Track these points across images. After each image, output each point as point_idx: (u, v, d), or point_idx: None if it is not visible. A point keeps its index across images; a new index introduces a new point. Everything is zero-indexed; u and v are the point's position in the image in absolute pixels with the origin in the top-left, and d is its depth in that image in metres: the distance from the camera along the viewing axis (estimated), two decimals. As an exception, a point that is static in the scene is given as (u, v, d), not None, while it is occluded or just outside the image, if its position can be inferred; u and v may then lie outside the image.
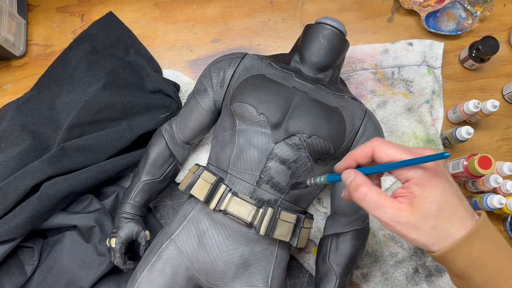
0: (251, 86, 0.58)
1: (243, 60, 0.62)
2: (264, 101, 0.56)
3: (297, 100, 0.57)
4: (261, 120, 0.56)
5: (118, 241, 0.60)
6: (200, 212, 0.58)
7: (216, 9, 0.81)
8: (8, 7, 0.71)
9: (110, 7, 0.80)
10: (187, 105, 0.66)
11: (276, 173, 0.55)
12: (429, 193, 0.38)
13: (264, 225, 0.54)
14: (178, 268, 0.57)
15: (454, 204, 0.38)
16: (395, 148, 0.39)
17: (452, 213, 0.38)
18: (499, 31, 0.83)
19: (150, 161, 0.64)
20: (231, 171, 0.57)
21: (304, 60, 0.61)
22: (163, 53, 0.79)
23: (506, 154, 0.78)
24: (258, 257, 0.57)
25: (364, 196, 0.39)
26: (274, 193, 0.56)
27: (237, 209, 0.55)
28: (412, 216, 0.38)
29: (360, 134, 0.60)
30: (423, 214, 0.37)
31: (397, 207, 0.38)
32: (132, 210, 0.62)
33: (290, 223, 0.55)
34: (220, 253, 0.56)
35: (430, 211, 0.37)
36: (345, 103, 0.60)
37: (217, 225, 0.57)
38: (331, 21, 0.61)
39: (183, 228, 0.58)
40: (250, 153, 0.56)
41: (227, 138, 0.59)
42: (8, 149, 0.65)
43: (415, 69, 0.77)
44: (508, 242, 0.79)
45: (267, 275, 0.57)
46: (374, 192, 0.39)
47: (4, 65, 0.77)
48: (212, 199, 0.56)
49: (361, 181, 0.39)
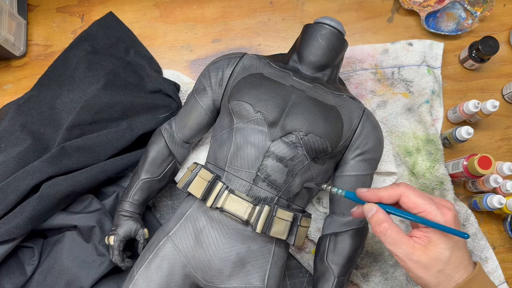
0: (248, 84, 0.58)
1: (242, 60, 0.63)
2: (261, 99, 0.56)
3: (294, 98, 0.57)
4: (258, 118, 0.56)
5: (117, 239, 0.61)
6: (197, 210, 0.59)
7: (216, 9, 0.81)
8: (8, 7, 0.71)
9: (110, 7, 0.80)
10: (186, 104, 0.66)
11: (273, 171, 0.56)
12: (444, 241, 0.43)
13: (260, 222, 0.55)
14: (175, 265, 0.57)
15: (463, 254, 0.44)
16: (421, 197, 0.44)
17: (459, 262, 0.43)
18: (499, 31, 0.83)
19: (149, 160, 0.64)
20: (228, 168, 0.58)
21: (303, 59, 0.61)
22: (163, 53, 0.79)
23: (506, 154, 0.78)
24: (255, 255, 0.57)
25: (385, 231, 0.44)
26: (271, 191, 0.56)
27: (234, 206, 0.55)
28: (424, 257, 0.43)
29: (358, 132, 0.60)
30: (434, 258, 0.43)
31: (411, 245, 0.43)
32: (131, 208, 0.63)
33: (287, 221, 0.56)
34: (217, 250, 0.56)
35: (442, 256, 0.43)
36: (343, 102, 0.60)
37: (214, 223, 0.57)
38: (329, 21, 0.61)
39: (180, 225, 0.59)
40: (247, 151, 0.56)
41: (225, 136, 0.59)
42: (8, 149, 0.65)
43: (415, 69, 0.77)
44: (508, 242, 0.79)
45: (263, 273, 0.57)
46: (394, 229, 0.44)
47: (4, 65, 0.77)
48: (209, 197, 0.56)
49: (384, 218, 0.45)
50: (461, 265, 0.43)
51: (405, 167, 0.74)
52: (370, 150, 0.61)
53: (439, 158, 0.73)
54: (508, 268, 0.73)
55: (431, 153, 0.73)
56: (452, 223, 0.43)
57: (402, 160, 0.74)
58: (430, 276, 0.43)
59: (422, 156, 0.73)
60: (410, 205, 0.44)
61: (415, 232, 0.45)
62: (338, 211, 0.62)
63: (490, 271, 0.72)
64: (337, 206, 0.62)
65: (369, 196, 0.47)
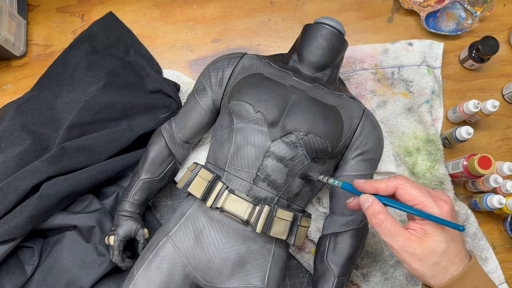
0: (248, 84, 0.58)
1: (242, 60, 0.63)
2: (261, 99, 0.56)
3: (294, 98, 0.57)
4: (258, 118, 0.56)
5: (117, 239, 0.61)
6: (197, 210, 0.59)
7: (216, 9, 0.81)
8: (8, 7, 0.71)
9: (110, 7, 0.80)
10: (186, 104, 0.66)
11: (273, 171, 0.56)
12: (439, 233, 0.43)
13: (260, 222, 0.55)
14: (175, 265, 0.57)
15: (458, 247, 0.44)
16: (417, 189, 0.44)
17: (455, 255, 0.43)
18: (499, 31, 0.83)
19: (149, 160, 0.64)
20: (228, 168, 0.58)
21: (303, 59, 0.61)
22: (163, 53, 0.79)
23: (506, 154, 0.78)
24: (255, 255, 0.57)
25: (381, 223, 0.44)
26: (271, 191, 0.56)
27: (234, 206, 0.55)
28: (419, 249, 0.43)
29: (358, 132, 0.60)
30: (430, 250, 0.43)
31: (407, 237, 0.44)
32: (131, 208, 0.63)
33: (287, 221, 0.56)
34: (217, 250, 0.56)
35: (437, 249, 0.43)
36: (343, 102, 0.60)
37: (214, 223, 0.57)
38: (329, 21, 0.61)
39: (180, 225, 0.59)
40: (247, 151, 0.56)
41: (225, 136, 0.59)
42: (8, 149, 0.65)
43: (415, 69, 0.77)
44: (508, 242, 0.79)
45: (263, 273, 0.57)
46: (390, 221, 0.44)
47: (4, 65, 0.77)
48: (209, 197, 0.56)
49: (380, 210, 0.45)
50: (457, 258, 0.43)
51: (405, 167, 0.74)
52: (370, 150, 0.61)
53: (439, 158, 0.73)
54: (508, 268, 0.73)
55: (431, 153, 0.73)
56: (448, 215, 0.43)
57: (402, 160, 0.74)
58: (426, 268, 0.43)
59: (422, 156, 0.73)
60: (406, 198, 0.44)
61: (411, 224, 0.45)
62: (338, 211, 0.62)
63: (490, 271, 0.72)
64: (336, 205, 0.62)
65: (366, 187, 0.47)
